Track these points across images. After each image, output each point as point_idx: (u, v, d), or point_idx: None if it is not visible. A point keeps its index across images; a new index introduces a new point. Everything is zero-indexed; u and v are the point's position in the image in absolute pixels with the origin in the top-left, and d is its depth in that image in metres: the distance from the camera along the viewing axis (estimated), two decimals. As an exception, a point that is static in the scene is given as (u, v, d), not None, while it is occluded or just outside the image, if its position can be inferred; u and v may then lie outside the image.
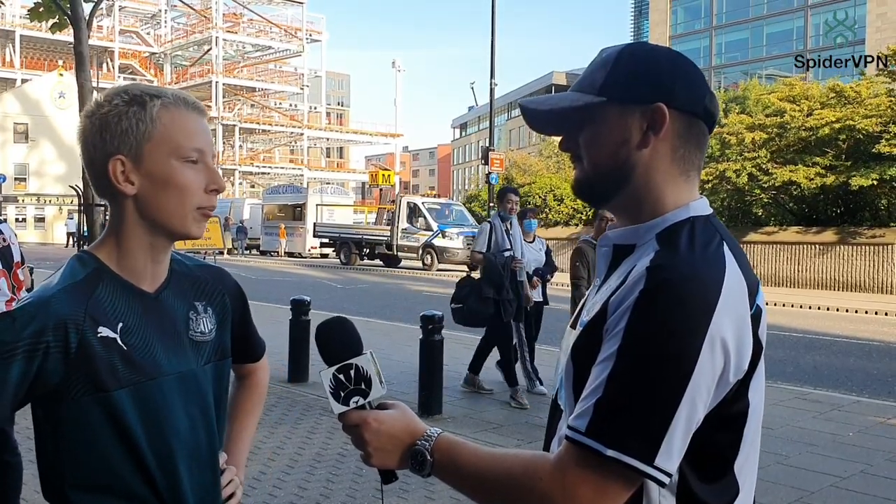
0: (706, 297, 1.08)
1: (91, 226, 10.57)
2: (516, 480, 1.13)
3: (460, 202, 36.43)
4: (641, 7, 68.71)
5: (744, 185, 21.91)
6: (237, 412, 1.71)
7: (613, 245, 1.28)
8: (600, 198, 1.31)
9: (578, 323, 1.26)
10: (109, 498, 1.36)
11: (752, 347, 1.13)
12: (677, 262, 1.12)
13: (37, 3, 11.00)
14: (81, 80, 10.05)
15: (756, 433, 1.20)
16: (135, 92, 1.38)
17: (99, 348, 1.31)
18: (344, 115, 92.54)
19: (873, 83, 21.72)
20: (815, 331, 13.16)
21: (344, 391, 1.25)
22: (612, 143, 1.22)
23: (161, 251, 1.44)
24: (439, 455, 1.20)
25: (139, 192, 1.37)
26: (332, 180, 59.56)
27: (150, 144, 1.35)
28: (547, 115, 1.31)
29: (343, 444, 5.73)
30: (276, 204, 38.29)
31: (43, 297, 1.31)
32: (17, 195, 49.69)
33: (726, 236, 1.20)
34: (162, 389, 1.38)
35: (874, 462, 5.57)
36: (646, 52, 1.25)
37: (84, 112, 1.40)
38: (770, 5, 54.43)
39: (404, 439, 1.23)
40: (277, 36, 65.74)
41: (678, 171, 1.23)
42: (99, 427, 1.32)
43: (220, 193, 1.45)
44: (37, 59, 58.99)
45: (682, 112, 1.21)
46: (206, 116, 1.48)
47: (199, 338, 1.48)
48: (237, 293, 1.63)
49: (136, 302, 1.40)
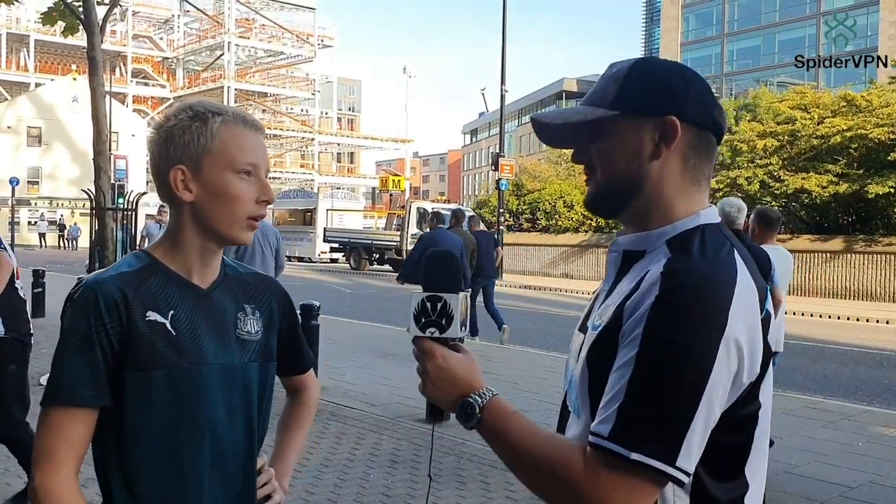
0: (720, 300, 1.11)
1: (102, 230, 10.61)
2: (552, 471, 1.16)
3: (470, 208, 36.44)
4: (653, 14, 68.67)
5: (755, 193, 21.83)
6: (287, 425, 1.81)
7: (623, 251, 1.31)
8: (613, 209, 1.34)
9: (590, 327, 1.28)
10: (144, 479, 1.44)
11: (762, 350, 1.17)
12: (690, 266, 1.16)
13: (50, 8, 11.09)
14: (94, 84, 10.10)
15: (765, 434, 1.23)
16: (198, 109, 1.50)
17: (146, 330, 1.43)
18: (355, 121, 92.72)
19: (885, 92, 21.64)
20: (826, 340, 13.09)
21: (425, 318, 1.30)
22: (625, 155, 1.26)
23: (211, 255, 1.55)
24: (488, 416, 1.23)
25: (196, 200, 1.49)
26: (342, 185, 59.68)
27: (209, 157, 1.48)
28: (560, 129, 1.34)
29: (350, 449, 5.74)
30: (287, 209, 38.39)
31: (98, 282, 1.44)
32: (30, 198, 49.97)
33: (735, 243, 1.24)
34: (203, 376, 1.47)
35: (884, 472, 5.53)
36: (656, 66, 1.30)
37: (153, 124, 1.55)
38: (782, 13, 54.26)
39: (460, 386, 1.26)
40: (289, 41, 65.99)
41: (689, 182, 1.27)
42: (137, 400, 1.42)
43: (270, 204, 1.58)
44: (51, 64, 59.40)
45: (693, 124, 1.25)
46: (263, 133, 1.60)
47: (246, 336, 1.57)
48: (285, 301, 1.71)
49: (189, 294, 1.51)
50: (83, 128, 39.49)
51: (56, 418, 1.38)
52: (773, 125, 23.00)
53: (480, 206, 36.88)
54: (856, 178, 20.06)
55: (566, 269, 27.31)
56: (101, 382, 1.40)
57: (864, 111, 20.68)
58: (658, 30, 65.11)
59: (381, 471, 5.25)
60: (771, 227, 5.82)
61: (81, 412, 1.39)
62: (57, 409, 1.39)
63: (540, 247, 28.16)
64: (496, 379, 7.62)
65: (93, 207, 11.27)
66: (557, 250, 27.76)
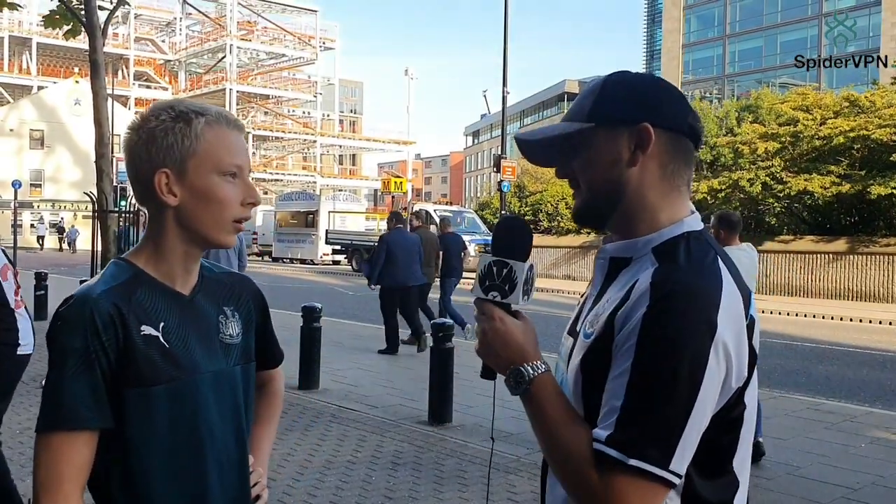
0: (708, 307, 1.16)
1: (104, 232, 10.62)
2: (576, 464, 1.19)
3: (472, 210, 36.43)
4: (654, 15, 68.61)
5: (757, 194, 21.81)
6: (259, 419, 1.76)
7: (610, 258, 1.36)
8: (600, 219, 1.38)
9: (581, 334, 1.32)
10: (151, 498, 1.40)
11: (749, 355, 1.22)
12: (679, 275, 1.21)
13: (52, 11, 11.11)
14: (96, 87, 10.13)
15: (750, 431, 1.28)
16: (181, 108, 1.44)
17: (142, 345, 1.38)
18: (357, 123, 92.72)
19: (887, 92, 21.62)
20: (829, 341, 13.07)
21: (489, 281, 1.31)
22: (605, 164, 1.32)
23: (193, 260, 1.51)
24: (536, 389, 1.26)
25: (181, 204, 1.44)
26: (344, 187, 59.72)
27: (195, 159, 1.42)
28: (541, 144, 1.39)
29: (353, 451, 5.74)
30: (289, 211, 38.41)
31: (90, 297, 1.38)
32: (32, 201, 50.04)
33: (719, 250, 1.29)
34: (199, 387, 1.45)
35: (886, 473, 5.52)
36: (629, 77, 1.36)
37: (130, 125, 1.46)
38: (784, 14, 54.21)
39: (513, 352, 1.28)
40: (291, 44, 66.09)
41: (669, 187, 1.32)
42: (138, 418, 1.37)
43: (255, 206, 1.54)
44: (53, 67, 59.51)
45: (667, 130, 1.30)
46: (244, 133, 1.56)
47: (229, 340, 1.55)
48: (260, 299, 1.69)
49: (174, 303, 1.47)
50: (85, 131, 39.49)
51: (59, 443, 1.32)
52: (775, 126, 22.95)
53: (482, 208, 36.89)
54: (858, 179, 20.01)
55: (568, 271, 27.29)
56: (103, 403, 1.35)
57: (866, 112, 20.65)
58: (660, 31, 65.06)
59: (383, 473, 5.25)
60: (733, 229, 5.99)
61: (84, 435, 1.33)
62: (59, 434, 1.32)
63: (542, 248, 28.13)
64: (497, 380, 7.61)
65: (95, 210, 11.29)
66: (559, 252, 27.74)
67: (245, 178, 1.49)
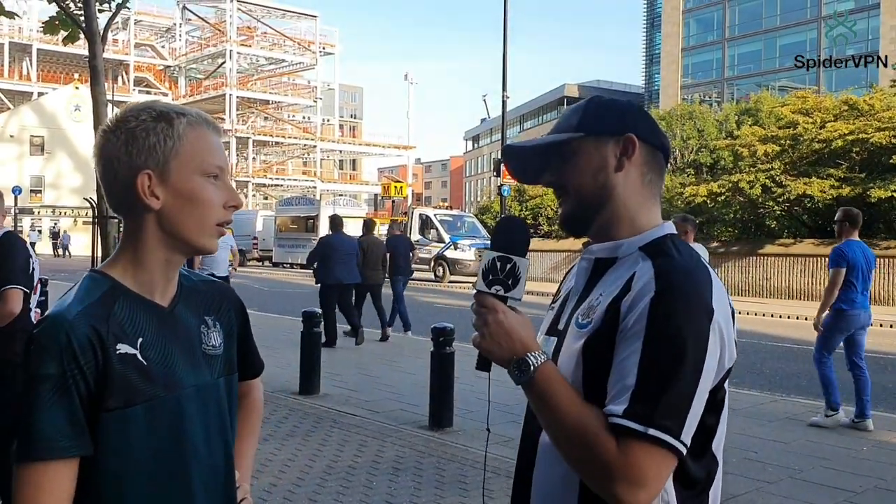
0: (705, 292, 1.31)
1: (105, 238, 10.62)
2: (588, 439, 1.27)
3: (472, 214, 36.44)
4: (654, 19, 68.65)
5: (757, 198, 21.80)
6: (239, 433, 1.69)
7: (595, 259, 1.48)
8: (585, 223, 1.49)
9: (574, 325, 1.42)
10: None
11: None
12: (678, 266, 1.35)
13: (52, 17, 11.12)
14: (96, 93, 10.12)
15: (726, 416, 1.41)
16: (161, 108, 1.39)
17: (119, 366, 1.31)
18: (357, 128, 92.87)
19: (886, 96, 21.63)
20: (830, 344, 13.02)
21: (493, 276, 1.38)
22: (592, 170, 1.45)
23: (174, 268, 1.45)
24: (539, 377, 1.33)
25: (163, 207, 1.37)
26: (344, 192, 59.69)
27: (177, 161, 1.37)
28: (533, 152, 1.52)
29: (354, 456, 5.73)
30: (289, 216, 38.39)
31: (66, 320, 1.30)
32: (32, 207, 50.09)
33: (694, 250, 1.44)
34: (181, 403, 1.38)
35: (888, 477, 5.51)
36: (607, 99, 1.52)
37: (104, 126, 1.40)
38: (783, 17, 54.23)
39: (516, 343, 1.35)
40: (291, 49, 66.16)
41: (648, 194, 1.48)
42: (114, 442, 1.31)
43: (238, 209, 1.47)
44: (53, 73, 59.58)
45: (646, 143, 1.46)
46: (221, 135, 1.52)
47: (211, 351, 1.49)
48: (240, 308, 1.63)
49: (153, 316, 1.40)
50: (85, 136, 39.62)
51: (37, 475, 1.25)
52: (775, 129, 22.97)
53: (483, 212, 36.90)
54: (858, 182, 20.02)
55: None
56: (81, 429, 1.27)
57: (865, 115, 20.66)
58: (659, 35, 65.08)
59: (384, 478, 5.24)
60: (695, 228, 7.48)
61: (63, 464, 1.26)
62: (37, 465, 1.25)
63: (542, 252, 28.13)
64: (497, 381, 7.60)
65: (95, 216, 11.29)
66: (560, 256, 27.74)
67: (226, 180, 1.44)
